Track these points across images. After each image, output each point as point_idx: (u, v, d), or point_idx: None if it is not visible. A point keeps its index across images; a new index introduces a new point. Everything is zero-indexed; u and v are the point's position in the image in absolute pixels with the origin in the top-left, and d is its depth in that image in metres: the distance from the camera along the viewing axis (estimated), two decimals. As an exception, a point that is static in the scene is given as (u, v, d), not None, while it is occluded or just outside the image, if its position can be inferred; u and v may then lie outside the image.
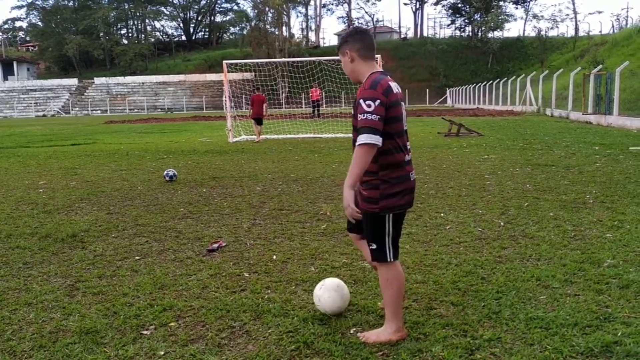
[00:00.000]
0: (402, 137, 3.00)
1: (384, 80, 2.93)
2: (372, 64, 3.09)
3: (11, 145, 17.79)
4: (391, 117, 2.90)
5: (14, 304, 3.78)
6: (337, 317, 3.40)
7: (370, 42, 3.13)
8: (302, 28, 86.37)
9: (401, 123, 3.00)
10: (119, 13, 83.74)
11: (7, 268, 4.59)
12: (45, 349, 3.10)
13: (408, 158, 3.05)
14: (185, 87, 66.81)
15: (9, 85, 71.07)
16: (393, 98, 2.92)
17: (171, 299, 3.80)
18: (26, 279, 4.32)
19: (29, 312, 3.63)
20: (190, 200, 7.36)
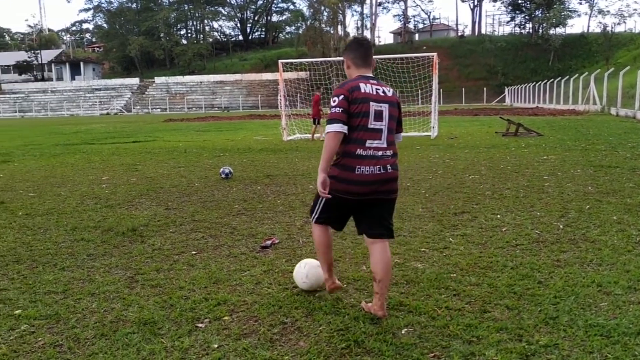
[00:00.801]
0: (363, 132, 3.27)
1: (354, 82, 3.33)
2: (362, 71, 3.45)
3: (77, 142, 18.59)
4: (353, 112, 3.25)
5: (78, 293, 3.96)
6: (385, 316, 3.38)
7: (362, 53, 3.47)
8: (358, 27, 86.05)
9: (365, 119, 3.26)
10: (179, 14, 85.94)
11: (72, 259, 4.81)
12: (107, 337, 3.24)
13: (364, 153, 3.27)
14: (242, 86, 67.91)
15: (76, 85, 74.26)
16: (359, 96, 3.26)
17: (225, 293, 3.88)
18: (89, 270, 4.52)
19: (92, 302, 3.80)
20: (245, 198, 7.49)
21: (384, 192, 3.36)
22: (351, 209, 3.48)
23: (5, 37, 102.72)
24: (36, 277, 4.34)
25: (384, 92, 3.35)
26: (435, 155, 11.80)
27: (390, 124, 3.35)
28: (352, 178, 3.27)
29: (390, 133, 3.36)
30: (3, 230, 5.92)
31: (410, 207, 6.53)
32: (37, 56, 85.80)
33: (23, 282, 4.23)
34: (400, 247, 4.90)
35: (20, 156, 14.19)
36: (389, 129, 3.34)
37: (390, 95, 3.37)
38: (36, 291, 4.03)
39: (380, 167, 3.29)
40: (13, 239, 5.56)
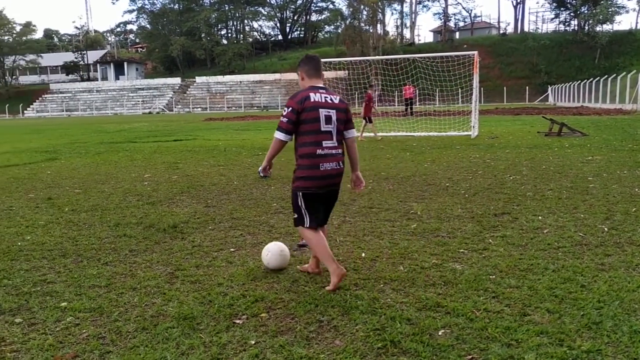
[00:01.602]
0: (317, 135, 3.83)
1: (305, 92, 3.87)
2: (313, 81, 3.99)
3: (120, 141, 19.06)
4: (304, 119, 3.82)
5: (120, 287, 4.07)
6: (424, 317, 3.36)
7: (313, 66, 4.02)
8: (397, 25, 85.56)
9: (317, 124, 3.82)
10: (220, 14, 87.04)
11: (115, 254, 4.94)
12: (147, 331, 3.32)
13: (322, 152, 3.85)
14: (281, 86, 68.34)
15: (120, 84, 76.14)
16: (309, 105, 3.81)
17: (263, 290, 3.92)
18: (131, 265, 4.63)
19: (133, 296, 3.90)
20: (282, 196, 7.54)
21: (338, 184, 4.04)
22: (325, 202, 4.06)
23: (54, 39, 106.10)
24: (81, 271, 4.47)
25: (331, 99, 3.90)
26: (475, 155, 11.63)
27: (338, 126, 3.91)
28: (318, 174, 3.86)
29: (339, 134, 3.93)
30: (51, 225, 6.13)
31: (449, 208, 6.46)
32: (84, 57, 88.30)
33: (69, 276, 4.37)
34: (438, 247, 4.85)
35: (67, 154, 14.65)
36: (338, 131, 3.91)
37: (337, 102, 3.93)
38: (81, 285, 4.16)
39: (336, 163, 3.92)
40: (60, 233, 5.75)
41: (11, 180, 9.76)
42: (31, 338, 3.27)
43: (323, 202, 4.04)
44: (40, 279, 4.32)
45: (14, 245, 5.32)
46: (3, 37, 77.88)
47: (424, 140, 15.70)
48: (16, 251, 5.10)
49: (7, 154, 14.91)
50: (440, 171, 9.38)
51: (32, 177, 10.05)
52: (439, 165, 10.13)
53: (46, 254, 5.00)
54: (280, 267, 4.37)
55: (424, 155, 11.93)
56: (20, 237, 5.65)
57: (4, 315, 3.63)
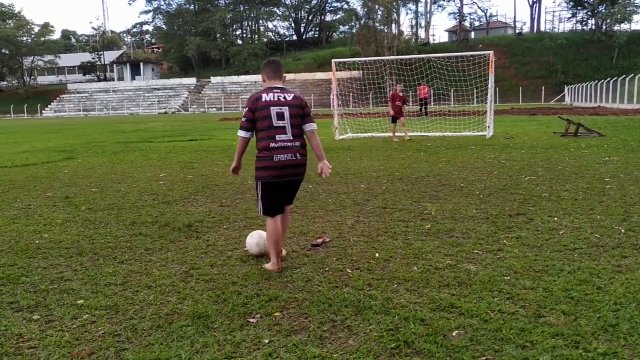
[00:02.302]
0: (270, 130, 4.27)
1: (260, 93, 4.36)
2: (272, 82, 4.46)
3: (136, 140, 19.22)
4: (258, 117, 4.29)
5: (136, 286, 4.11)
6: (435, 316, 3.35)
7: (272, 69, 4.49)
8: (412, 25, 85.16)
9: (269, 121, 4.26)
10: (235, 15, 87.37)
11: (130, 253, 4.99)
12: (162, 329, 3.35)
13: (275, 145, 4.27)
14: (295, 86, 68.42)
15: (136, 85, 76.76)
16: (260, 104, 4.29)
17: (276, 290, 3.94)
18: (147, 263, 4.68)
19: (148, 295, 3.93)
20: (296, 196, 7.54)
21: (296, 174, 4.40)
22: (278, 190, 4.39)
23: (71, 39, 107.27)
24: (97, 269, 4.52)
25: (284, 97, 4.32)
26: (490, 155, 11.56)
27: (293, 121, 4.30)
28: (272, 165, 4.28)
29: (296, 128, 4.32)
30: (68, 224, 6.20)
31: (464, 208, 6.43)
32: (100, 57, 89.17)
33: (85, 274, 4.42)
34: (452, 248, 4.84)
35: (84, 153, 14.81)
36: (292, 125, 4.30)
37: (290, 99, 4.33)
38: (97, 282, 4.21)
39: (291, 155, 4.29)
40: (76, 232, 5.82)
41: (29, 179, 9.89)
42: (48, 335, 3.32)
43: (281, 191, 4.43)
44: (58, 276, 4.38)
45: (32, 243, 5.40)
46: (22, 37, 78.88)
47: (439, 141, 15.64)
48: (34, 249, 5.17)
49: (26, 153, 15.11)
50: (454, 171, 9.34)
51: (50, 176, 10.17)
52: (454, 165, 10.09)
53: (63, 252, 5.06)
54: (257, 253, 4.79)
55: (439, 155, 11.88)
56: (38, 235, 5.73)
57: (22, 312, 3.68)
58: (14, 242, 5.46)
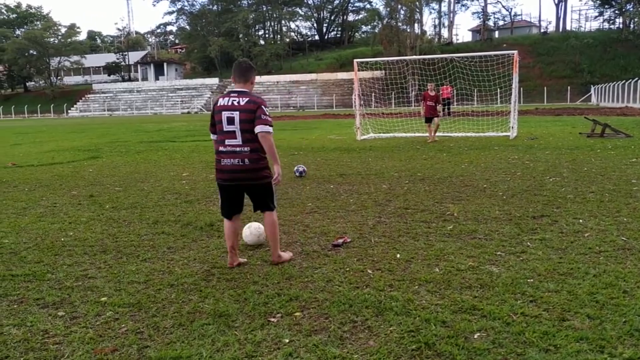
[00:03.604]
0: (221, 134, 4.33)
1: (219, 97, 4.41)
2: (236, 86, 4.43)
3: (160, 140, 19.43)
4: (215, 121, 4.38)
5: (158, 284, 4.16)
6: (457, 318, 3.32)
7: (236, 73, 4.45)
8: (435, 25, 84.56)
9: (221, 125, 4.31)
10: (257, 15, 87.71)
11: (153, 251, 5.05)
12: (184, 327, 3.37)
13: (224, 149, 4.32)
14: (317, 86, 68.49)
15: (160, 85, 77.59)
16: (216, 109, 4.36)
17: (297, 289, 3.94)
18: (169, 262, 4.72)
19: (171, 293, 3.97)
20: (317, 196, 7.56)
21: (243, 179, 4.36)
22: (228, 194, 4.47)
23: (97, 40, 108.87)
24: (120, 267, 4.58)
25: (238, 102, 4.27)
26: (513, 156, 11.42)
27: (243, 126, 4.25)
28: (220, 168, 4.38)
29: (248, 133, 4.26)
30: (92, 222, 6.29)
31: (487, 209, 6.37)
32: (125, 58, 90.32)
33: (109, 272, 4.48)
34: (474, 249, 4.79)
35: (108, 152, 15.02)
36: (243, 130, 4.25)
37: (243, 104, 4.26)
38: (120, 280, 4.26)
39: (238, 160, 4.29)
40: (100, 230, 5.91)
41: (55, 177, 10.07)
42: (73, 331, 3.37)
43: (233, 195, 4.48)
44: (82, 274, 4.45)
45: (58, 240, 5.49)
46: (49, 39, 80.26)
47: (462, 141, 15.50)
48: (59, 246, 5.26)
49: (52, 152, 15.38)
50: (477, 172, 9.25)
51: (75, 175, 10.34)
52: (477, 166, 9.99)
53: (87, 249, 5.14)
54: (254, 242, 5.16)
55: (461, 156, 11.78)
56: (63, 233, 5.82)
57: (48, 308, 3.75)
58: (40, 239, 5.57)
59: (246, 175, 4.34)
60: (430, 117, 15.74)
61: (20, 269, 4.61)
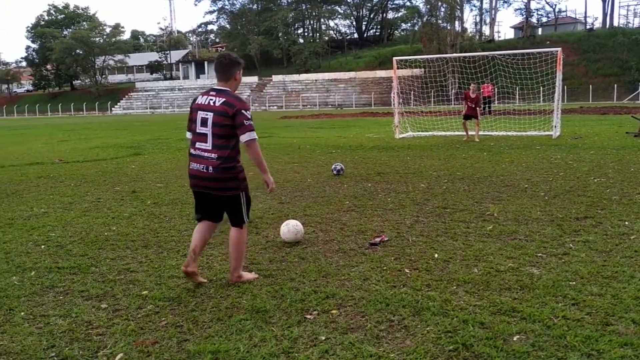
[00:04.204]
0: (194, 136, 3.95)
1: (200, 93, 4.02)
2: (218, 84, 4.01)
3: (200, 137, 19.71)
4: (190, 119, 4.00)
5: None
6: (495, 319, 3.27)
7: (217, 68, 4.01)
8: (476, 22, 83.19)
9: (194, 125, 3.93)
10: (297, 14, 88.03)
11: (193, 247, 5.13)
12: (222, 322, 3.43)
13: (194, 152, 3.94)
14: (355, 84, 68.31)
15: (200, 83, 78.72)
16: (193, 106, 3.98)
17: (334, 287, 3.95)
18: (208, 257, 4.80)
19: (209, 288, 4.04)
20: (355, 194, 7.56)
21: (206, 187, 3.94)
22: (197, 200, 4.12)
23: (140, 40, 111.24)
24: (161, 262, 4.68)
25: (214, 102, 3.84)
26: (556, 156, 11.15)
27: (215, 130, 3.82)
28: (188, 172, 4.03)
29: (218, 138, 3.83)
30: (134, 217, 6.45)
31: (528, 210, 6.24)
32: (167, 56, 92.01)
33: (150, 266, 4.59)
34: (515, 251, 4.70)
35: (150, 149, 15.34)
36: (214, 134, 3.83)
37: (217, 105, 3.82)
38: (161, 275, 4.36)
39: (203, 167, 3.88)
40: (142, 225, 6.04)
41: (99, 173, 10.35)
42: (115, 323, 3.46)
43: (200, 201, 4.10)
44: (124, 267, 4.56)
45: (101, 235, 5.65)
46: (95, 38, 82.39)
47: (502, 140, 15.22)
48: (103, 241, 5.41)
49: (96, 149, 15.81)
50: (518, 172, 9.07)
51: (118, 171, 10.61)
52: (518, 165, 9.79)
53: (130, 244, 5.27)
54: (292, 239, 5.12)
55: (502, 155, 11.57)
56: (107, 227, 5.99)
57: (92, 300, 3.86)
58: (85, 233, 5.74)
59: (209, 185, 3.91)
60: (469, 115, 15.57)
61: (66, 261, 4.76)
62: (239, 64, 4.02)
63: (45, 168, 11.49)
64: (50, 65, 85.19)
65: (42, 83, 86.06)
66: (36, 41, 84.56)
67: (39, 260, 4.82)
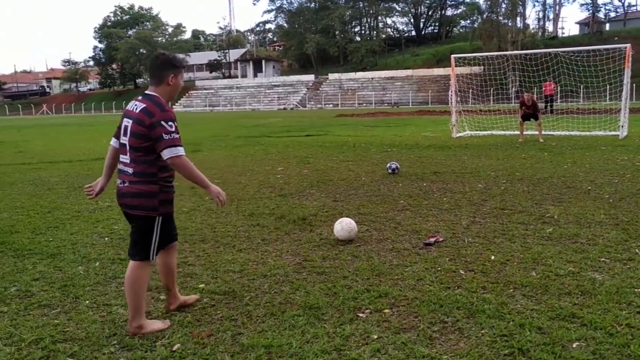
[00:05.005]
0: (120, 147, 3.40)
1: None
2: (149, 88, 3.41)
3: (257, 135, 20.03)
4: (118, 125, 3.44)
5: (252, 274, 4.31)
6: (553, 324, 3.17)
7: (149, 69, 3.45)
8: (539, 18, 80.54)
9: (119, 134, 3.40)
10: (354, 12, 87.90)
11: (248, 242, 5.23)
12: (275, 317, 3.48)
13: (119, 167, 3.40)
14: (412, 82, 67.58)
15: (258, 81, 79.95)
16: (123, 112, 3.42)
17: (387, 286, 3.93)
18: (263, 253, 4.88)
19: (263, 283, 4.10)
20: (410, 193, 7.49)
21: (122, 205, 3.40)
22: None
23: (200, 39, 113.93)
24: (217, 256, 4.80)
25: (135, 108, 3.30)
26: (623, 157, 10.67)
27: (131, 140, 3.27)
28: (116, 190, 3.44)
29: (135, 151, 3.27)
30: (193, 212, 6.62)
31: (591, 213, 6.01)
32: (226, 55, 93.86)
33: (207, 260, 4.71)
34: (576, 254, 4.54)
35: (209, 146, 15.70)
36: (131, 146, 3.28)
37: (137, 112, 3.27)
38: (217, 269, 4.46)
39: (122, 182, 3.36)
40: (200, 220, 6.20)
41: (160, 169, 10.68)
42: (173, 314, 3.57)
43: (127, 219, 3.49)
44: (182, 261, 4.70)
45: (161, 228, 5.83)
46: (157, 38, 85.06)
47: (565, 140, 14.70)
48: (163, 234, 5.58)
49: (158, 146, 16.29)
50: (581, 173, 8.74)
51: (178, 167, 10.90)
52: (581, 167, 9.44)
53: (188, 238, 5.42)
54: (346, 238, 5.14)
55: (564, 155, 11.18)
56: (166, 221, 6.17)
57: (151, 291, 4.00)
58: (146, 227, 5.93)
59: (125, 202, 3.36)
60: (528, 115, 15.11)
61: (127, 253, 4.94)
62: (173, 67, 3.38)
63: (109, 163, 11.94)
64: (115, 65, 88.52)
65: (108, 81, 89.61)
66: (103, 41, 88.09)
67: (103, 252, 5.03)
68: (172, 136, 3.21)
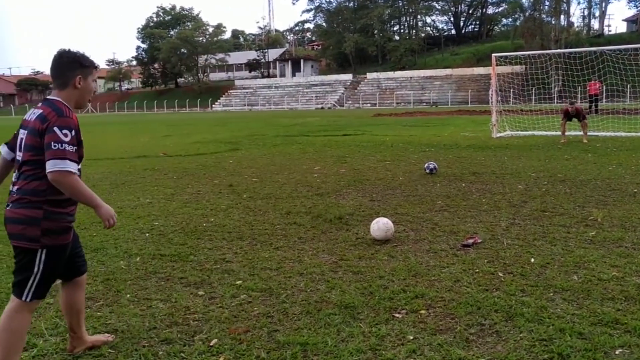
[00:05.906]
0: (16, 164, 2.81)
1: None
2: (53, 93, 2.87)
3: (294, 134, 20.13)
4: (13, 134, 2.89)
5: (289, 272, 4.34)
6: (594, 329, 3.09)
7: (51, 70, 2.87)
8: (584, 15, 78.40)
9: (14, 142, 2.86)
10: (393, 10, 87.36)
11: (285, 240, 5.27)
12: (311, 315, 3.50)
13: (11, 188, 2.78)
14: (451, 81, 66.74)
15: (296, 81, 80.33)
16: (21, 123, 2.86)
17: (423, 287, 3.91)
18: (299, 251, 4.91)
19: (300, 281, 4.13)
20: (448, 194, 7.40)
21: (11, 235, 2.74)
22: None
23: (239, 39, 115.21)
24: (255, 254, 4.85)
25: (31, 116, 2.77)
26: (672, 159, 10.30)
27: (25, 156, 2.71)
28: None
29: (26, 165, 2.71)
30: (231, 210, 6.71)
31: (636, 216, 5.83)
32: (265, 55, 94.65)
33: (244, 257, 4.77)
34: (620, 259, 4.42)
35: (247, 145, 15.87)
36: (22, 160, 2.73)
37: (33, 120, 2.73)
38: (254, 266, 4.51)
39: (7, 203, 2.76)
40: (238, 217, 6.28)
41: (200, 167, 10.86)
42: (210, 310, 3.64)
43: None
44: (220, 257, 4.77)
45: (200, 225, 5.94)
46: (198, 38, 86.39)
47: (610, 141, 14.28)
48: (201, 231, 5.68)
49: (197, 144, 16.58)
50: (627, 175, 8.48)
51: (217, 165, 11.07)
52: (627, 168, 9.15)
53: (226, 235, 5.50)
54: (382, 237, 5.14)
55: (609, 157, 10.86)
56: (205, 218, 6.28)
57: (190, 287, 4.07)
58: (185, 224, 6.05)
59: (7, 229, 2.75)
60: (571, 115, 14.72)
61: (167, 249, 5.05)
62: (81, 66, 2.84)
63: (150, 161, 12.22)
64: (157, 64, 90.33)
65: (150, 81, 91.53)
66: (145, 41, 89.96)
67: (144, 247, 5.15)
68: (63, 147, 2.61)
